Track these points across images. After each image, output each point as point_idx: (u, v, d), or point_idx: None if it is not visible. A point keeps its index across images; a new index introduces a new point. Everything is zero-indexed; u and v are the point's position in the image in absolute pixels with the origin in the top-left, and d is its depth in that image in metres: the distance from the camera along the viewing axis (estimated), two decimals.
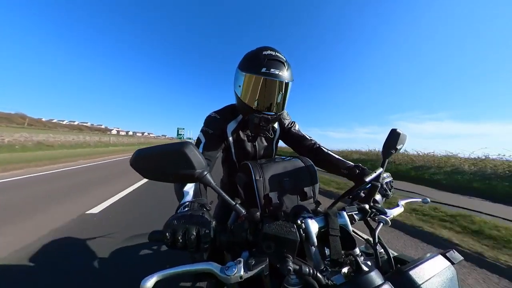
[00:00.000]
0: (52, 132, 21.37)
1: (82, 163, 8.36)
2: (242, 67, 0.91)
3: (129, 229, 2.47)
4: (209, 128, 0.99)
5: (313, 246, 0.52)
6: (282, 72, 0.85)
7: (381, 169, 0.72)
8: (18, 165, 6.39)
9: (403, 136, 0.73)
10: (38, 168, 6.52)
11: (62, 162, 8.07)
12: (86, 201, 3.49)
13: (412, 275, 0.42)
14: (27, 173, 5.66)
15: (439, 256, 0.49)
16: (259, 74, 0.84)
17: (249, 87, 0.89)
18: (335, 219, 0.56)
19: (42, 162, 7.33)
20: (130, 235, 2.32)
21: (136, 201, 3.68)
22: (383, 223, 0.63)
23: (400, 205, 0.78)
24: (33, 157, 8.27)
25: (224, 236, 0.50)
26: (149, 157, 0.47)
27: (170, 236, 0.45)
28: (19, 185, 4.40)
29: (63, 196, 3.73)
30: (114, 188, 4.45)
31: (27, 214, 2.83)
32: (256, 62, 0.85)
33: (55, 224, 2.54)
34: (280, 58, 0.86)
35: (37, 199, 3.52)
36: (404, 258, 0.59)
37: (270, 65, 0.83)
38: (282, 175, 0.79)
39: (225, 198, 0.52)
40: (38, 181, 4.80)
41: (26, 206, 3.15)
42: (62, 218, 2.76)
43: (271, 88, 0.88)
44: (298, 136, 1.18)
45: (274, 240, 0.47)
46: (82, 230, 2.44)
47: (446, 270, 0.45)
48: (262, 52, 0.87)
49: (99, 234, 2.33)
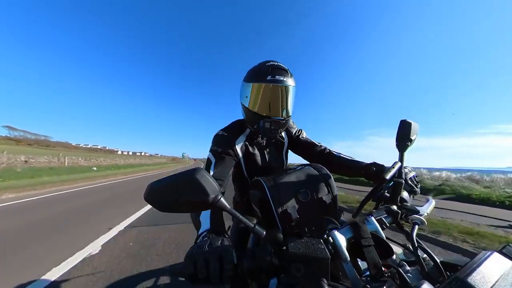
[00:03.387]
0: (113, 155, 27.53)
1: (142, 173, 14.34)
2: (248, 79, 0.97)
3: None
4: (218, 147, 0.97)
5: (346, 261, 0.46)
6: (286, 78, 0.90)
7: (399, 163, 0.67)
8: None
9: (415, 125, 0.69)
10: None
11: (139, 172, 17.37)
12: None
13: (472, 282, 0.35)
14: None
15: (496, 253, 0.41)
16: (265, 82, 0.90)
17: (257, 95, 0.94)
18: (364, 226, 0.50)
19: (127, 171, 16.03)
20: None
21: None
22: (418, 223, 0.56)
23: (430, 199, 0.71)
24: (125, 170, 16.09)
25: (247, 262, 0.45)
26: (162, 189, 0.45)
27: (191, 268, 0.42)
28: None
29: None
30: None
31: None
32: (261, 71, 0.92)
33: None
34: (282, 66, 0.93)
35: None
36: (452, 262, 0.51)
37: (275, 73, 0.89)
38: (297, 187, 0.74)
39: (242, 220, 0.48)
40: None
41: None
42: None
43: (278, 94, 0.92)
44: (307, 143, 1.15)
45: (302, 261, 0.42)
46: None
47: (511, 270, 0.38)
48: (265, 63, 0.94)
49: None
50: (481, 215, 4.69)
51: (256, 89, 0.93)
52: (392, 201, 0.64)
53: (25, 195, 6.49)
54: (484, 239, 2.95)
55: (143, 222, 3.98)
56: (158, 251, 2.66)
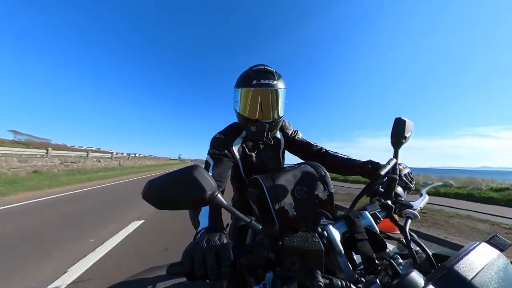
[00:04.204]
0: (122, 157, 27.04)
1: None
2: (237, 84, 1.00)
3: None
4: (216, 149, 0.99)
5: (340, 255, 0.48)
6: (272, 81, 0.92)
7: (394, 160, 0.69)
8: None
9: (409, 123, 0.71)
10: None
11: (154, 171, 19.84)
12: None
13: (458, 270, 0.36)
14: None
15: (483, 243, 0.42)
16: (251, 86, 0.93)
17: (245, 100, 0.96)
18: (358, 220, 0.51)
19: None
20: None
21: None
22: (411, 217, 0.58)
23: (424, 194, 0.72)
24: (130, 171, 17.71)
25: (244, 258, 0.46)
26: (160, 187, 0.46)
27: (189, 265, 0.43)
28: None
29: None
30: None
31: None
32: (248, 76, 0.95)
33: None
34: (269, 69, 0.95)
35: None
36: (444, 253, 0.52)
37: (260, 77, 0.92)
38: (294, 184, 0.76)
39: (239, 216, 0.49)
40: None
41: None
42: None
43: (263, 97, 0.95)
44: (302, 143, 1.17)
45: (297, 255, 0.43)
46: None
47: (497, 258, 0.39)
48: (252, 68, 0.97)
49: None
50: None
51: (244, 94, 0.96)
52: (386, 196, 0.66)
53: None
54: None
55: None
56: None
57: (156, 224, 3.86)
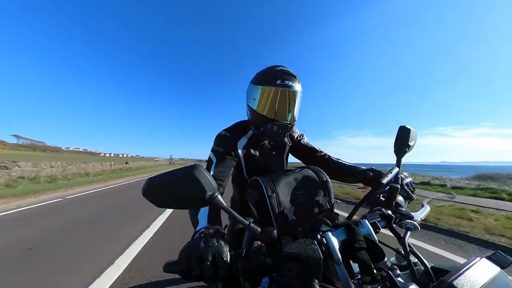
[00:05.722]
0: (120, 159, 27.48)
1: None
2: (257, 81, 0.98)
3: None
4: (220, 147, 0.99)
5: (338, 263, 0.47)
6: (294, 83, 0.93)
7: (397, 169, 0.68)
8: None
9: (414, 132, 0.70)
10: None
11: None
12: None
13: (458, 286, 0.35)
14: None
15: (484, 259, 0.42)
16: (275, 86, 0.91)
17: (266, 98, 0.95)
18: (357, 229, 0.51)
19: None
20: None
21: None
22: (411, 228, 0.57)
23: (426, 205, 0.72)
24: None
25: (240, 262, 0.46)
26: (160, 185, 0.46)
27: (185, 264, 0.43)
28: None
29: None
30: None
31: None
32: (271, 75, 0.93)
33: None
34: (291, 72, 0.94)
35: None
36: (442, 267, 0.52)
37: (284, 78, 0.91)
38: (294, 188, 0.75)
39: (238, 218, 0.49)
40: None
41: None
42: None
43: (286, 98, 0.94)
44: (308, 148, 1.17)
45: (295, 261, 0.43)
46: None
47: (498, 276, 0.38)
48: (275, 68, 0.96)
49: None
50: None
51: (265, 92, 0.94)
52: (387, 205, 0.65)
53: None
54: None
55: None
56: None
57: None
